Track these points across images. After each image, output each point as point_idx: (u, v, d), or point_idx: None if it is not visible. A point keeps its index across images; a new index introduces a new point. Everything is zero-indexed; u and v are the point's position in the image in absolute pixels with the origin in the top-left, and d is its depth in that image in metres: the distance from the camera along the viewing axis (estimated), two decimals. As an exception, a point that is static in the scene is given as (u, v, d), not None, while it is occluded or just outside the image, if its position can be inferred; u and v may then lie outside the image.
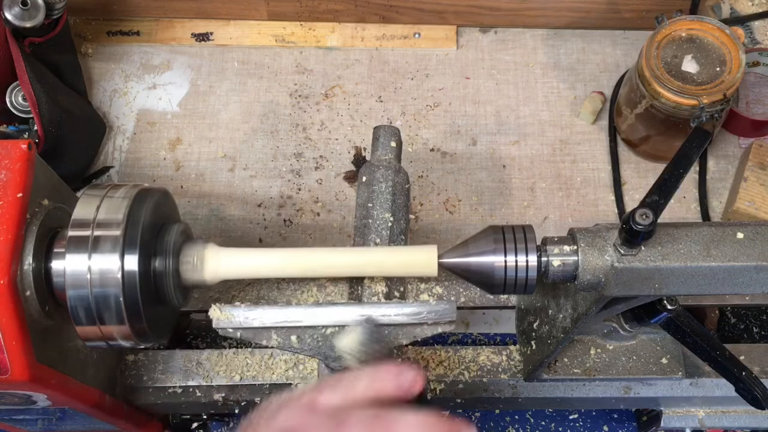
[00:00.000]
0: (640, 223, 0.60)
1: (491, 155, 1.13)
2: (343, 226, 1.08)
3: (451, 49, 1.21)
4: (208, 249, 0.73)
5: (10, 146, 0.69)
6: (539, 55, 1.21)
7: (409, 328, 0.71)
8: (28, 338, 0.67)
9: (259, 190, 1.10)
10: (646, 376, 0.88)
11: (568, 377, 0.88)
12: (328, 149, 1.13)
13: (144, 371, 0.92)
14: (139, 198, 0.70)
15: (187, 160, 1.13)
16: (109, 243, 0.67)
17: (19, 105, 0.99)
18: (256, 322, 0.71)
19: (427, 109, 1.17)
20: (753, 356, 0.94)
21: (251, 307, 0.72)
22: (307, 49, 1.21)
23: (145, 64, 1.19)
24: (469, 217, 1.09)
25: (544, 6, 1.18)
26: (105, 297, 0.67)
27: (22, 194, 0.67)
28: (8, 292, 0.65)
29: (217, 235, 1.07)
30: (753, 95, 1.15)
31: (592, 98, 1.15)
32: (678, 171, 0.69)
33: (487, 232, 0.68)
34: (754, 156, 1.06)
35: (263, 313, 0.71)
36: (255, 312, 0.71)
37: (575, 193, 1.11)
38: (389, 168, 0.83)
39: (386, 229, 0.80)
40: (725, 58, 0.99)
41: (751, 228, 0.65)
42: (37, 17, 0.95)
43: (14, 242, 0.66)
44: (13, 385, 0.69)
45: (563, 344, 0.77)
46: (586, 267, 0.64)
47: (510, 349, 0.92)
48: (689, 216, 1.09)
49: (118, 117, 1.15)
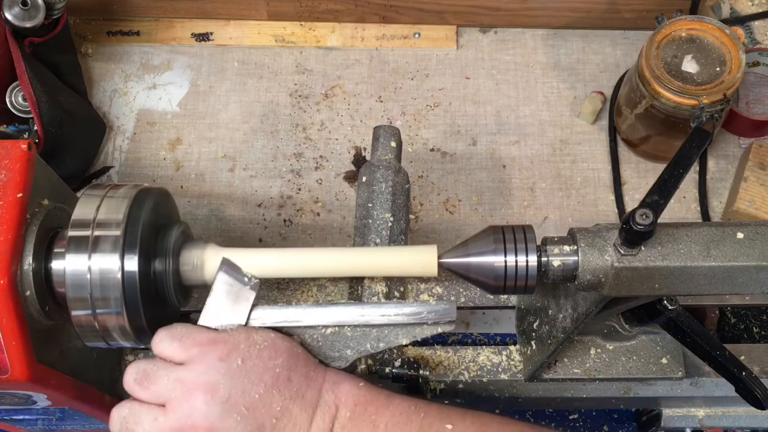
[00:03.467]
0: (640, 223, 0.60)
1: (491, 155, 1.13)
2: (343, 226, 1.08)
3: (451, 49, 1.21)
4: (208, 249, 0.73)
5: (10, 146, 0.69)
6: (539, 55, 1.21)
7: (409, 328, 0.71)
8: (28, 338, 0.67)
9: (259, 190, 1.10)
10: (646, 376, 0.88)
11: (568, 377, 0.88)
12: (328, 149, 1.13)
13: (144, 371, 0.91)
14: (139, 198, 0.70)
15: (187, 160, 1.13)
16: (109, 243, 0.67)
17: (19, 105, 0.99)
18: (256, 322, 0.71)
19: (427, 109, 1.17)
20: (753, 356, 0.94)
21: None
22: (307, 49, 1.21)
23: (145, 64, 1.19)
24: (469, 217, 1.09)
25: (544, 6, 1.18)
26: (105, 297, 0.67)
27: (22, 194, 0.67)
28: (8, 292, 0.65)
29: (217, 235, 1.07)
30: (753, 95, 1.15)
31: (592, 98, 1.15)
32: (678, 171, 0.69)
33: (487, 232, 0.68)
34: (754, 156, 1.06)
35: (263, 313, 0.71)
36: (255, 312, 0.71)
37: (575, 193, 1.11)
38: (389, 168, 0.83)
39: (386, 229, 0.80)
40: (725, 58, 0.99)
41: (751, 228, 0.65)
42: (37, 17, 0.95)
43: (14, 242, 0.66)
44: (13, 385, 0.69)
45: (563, 344, 0.77)
46: (586, 267, 0.64)
47: (510, 349, 0.92)
48: (689, 216, 1.09)
49: (118, 117, 1.15)
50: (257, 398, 0.63)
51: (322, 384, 0.67)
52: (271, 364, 0.65)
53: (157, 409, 0.64)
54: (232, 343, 0.66)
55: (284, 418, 0.64)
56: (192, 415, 0.62)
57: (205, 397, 0.63)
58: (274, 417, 0.63)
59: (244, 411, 0.63)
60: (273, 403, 0.64)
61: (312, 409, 0.65)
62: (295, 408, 0.64)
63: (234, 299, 0.69)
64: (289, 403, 0.64)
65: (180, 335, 0.66)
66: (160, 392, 0.64)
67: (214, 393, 0.63)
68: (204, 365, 0.64)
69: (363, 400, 0.67)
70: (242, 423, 0.62)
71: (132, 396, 0.66)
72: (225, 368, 0.64)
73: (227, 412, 0.62)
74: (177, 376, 0.64)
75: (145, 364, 0.66)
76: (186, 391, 0.63)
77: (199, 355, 0.65)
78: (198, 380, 0.63)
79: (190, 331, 0.67)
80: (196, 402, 0.63)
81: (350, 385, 0.68)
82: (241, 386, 0.63)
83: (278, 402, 0.64)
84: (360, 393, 0.67)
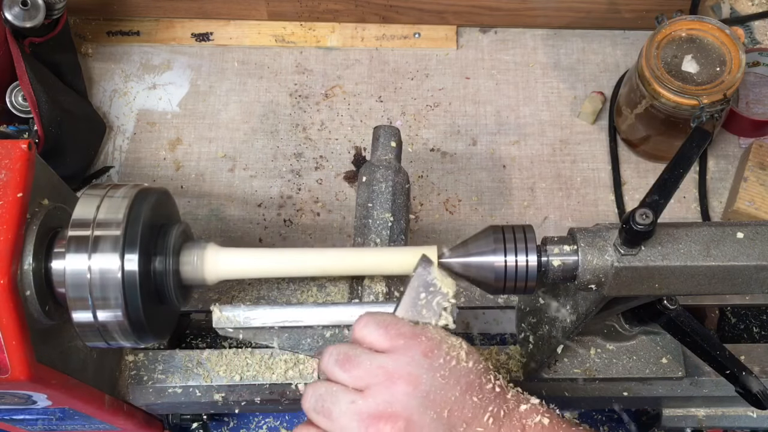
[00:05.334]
0: (640, 223, 0.60)
1: (491, 155, 1.13)
2: (343, 226, 1.08)
3: (451, 49, 1.21)
4: (208, 249, 0.73)
5: (10, 146, 0.69)
6: (539, 55, 1.21)
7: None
8: (28, 338, 0.67)
9: (259, 190, 1.10)
10: (646, 376, 0.88)
11: (568, 377, 0.88)
12: (328, 149, 1.13)
13: (144, 371, 0.92)
14: (139, 198, 0.70)
15: (187, 160, 1.13)
16: (109, 243, 0.67)
17: (19, 105, 0.99)
18: (256, 322, 0.71)
19: (427, 109, 1.17)
20: (753, 356, 0.94)
21: (251, 307, 0.72)
22: (307, 49, 1.21)
23: (145, 64, 1.19)
24: (469, 217, 1.09)
25: (544, 6, 1.18)
26: (105, 297, 0.67)
27: (22, 194, 0.67)
28: (8, 292, 0.65)
29: (217, 235, 1.07)
30: (753, 95, 1.15)
31: (592, 98, 1.15)
32: (678, 171, 0.69)
33: (487, 232, 0.68)
34: (754, 156, 1.06)
35: (263, 313, 0.71)
36: (255, 312, 0.71)
37: (575, 193, 1.11)
38: (389, 168, 0.83)
39: (386, 229, 0.80)
40: (725, 58, 0.99)
41: (751, 228, 0.65)
42: (37, 17, 0.95)
43: (14, 242, 0.66)
44: (13, 385, 0.69)
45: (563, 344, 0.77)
46: (586, 267, 0.64)
47: (510, 349, 0.92)
48: (689, 216, 1.09)
49: (118, 117, 1.15)
50: (453, 400, 0.62)
51: (508, 400, 0.66)
52: (467, 370, 0.64)
53: (356, 393, 0.63)
54: (435, 341, 0.65)
55: (473, 425, 0.63)
56: (392, 403, 0.61)
57: (407, 388, 0.62)
58: (464, 422, 0.62)
59: (440, 410, 0.62)
60: (465, 408, 0.63)
61: (499, 422, 0.64)
62: (484, 418, 0.63)
63: (429, 297, 0.68)
64: (479, 412, 0.63)
65: (386, 323, 0.65)
66: (361, 376, 0.63)
67: (416, 386, 0.62)
68: (409, 357, 0.63)
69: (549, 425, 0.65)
70: (437, 421, 0.61)
71: (329, 377, 0.65)
72: (428, 364, 0.63)
73: (426, 407, 0.61)
74: (380, 362, 0.63)
75: (347, 347, 0.65)
76: (388, 379, 0.62)
77: (404, 346, 0.64)
78: (402, 370, 0.62)
79: (396, 321, 0.66)
80: (397, 391, 0.61)
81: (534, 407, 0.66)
82: (440, 385, 0.62)
83: (470, 408, 0.63)
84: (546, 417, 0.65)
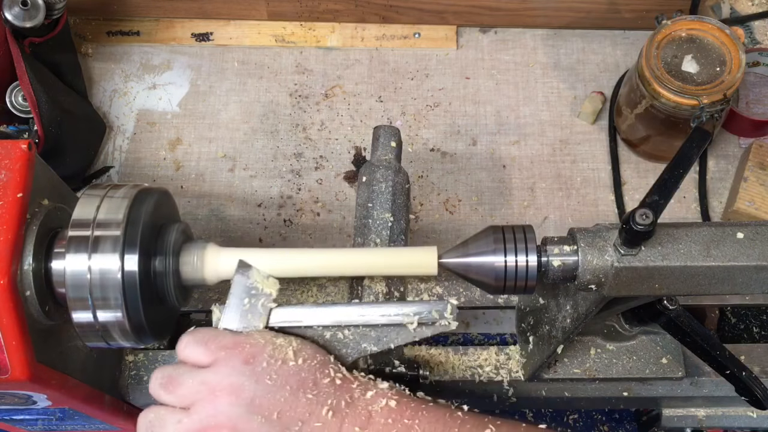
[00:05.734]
0: (640, 223, 0.60)
1: (491, 155, 1.13)
2: (343, 226, 1.08)
3: (451, 49, 1.21)
4: (208, 249, 0.73)
5: (10, 146, 0.69)
6: (539, 55, 1.21)
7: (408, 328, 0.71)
8: (28, 338, 0.67)
9: (259, 190, 1.10)
10: (646, 376, 0.88)
11: (568, 377, 0.88)
12: (328, 149, 1.13)
13: (144, 371, 0.91)
14: (139, 198, 0.70)
15: (187, 160, 1.13)
16: (109, 243, 0.67)
17: (19, 105, 0.99)
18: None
19: (427, 109, 1.17)
20: (753, 356, 0.94)
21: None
22: (307, 49, 1.21)
23: (145, 64, 1.19)
24: (469, 217, 1.09)
25: (544, 6, 1.18)
26: (105, 297, 0.67)
27: (22, 194, 0.67)
28: (8, 292, 0.65)
29: (217, 235, 1.07)
30: (753, 95, 1.15)
31: (592, 98, 1.15)
32: (678, 171, 0.69)
33: (487, 232, 0.68)
34: (754, 156, 1.06)
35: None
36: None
37: (575, 193, 1.11)
38: (389, 168, 0.83)
39: (386, 229, 0.80)
40: (725, 58, 0.99)
41: (751, 228, 0.64)
42: (37, 17, 0.95)
43: (14, 242, 0.66)
44: (13, 385, 0.69)
45: (563, 344, 0.77)
46: (586, 267, 0.64)
47: (510, 349, 0.92)
48: (689, 216, 1.09)
49: (118, 117, 1.15)
50: (282, 401, 0.63)
51: (352, 390, 0.66)
52: (296, 368, 0.65)
53: (181, 412, 0.64)
54: (257, 346, 0.65)
55: (311, 422, 0.63)
56: (216, 416, 0.62)
57: (229, 399, 0.62)
58: (300, 420, 0.63)
59: (268, 413, 0.62)
60: (299, 406, 0.63)
61: (341, 414, 0.64)
62: (322, 413, 0.63)
63: (253, 301, 0.69)
64: (316, 408, 0.63)
65: (205, 339, 0.66)
66: (185, 395, 0.64)
67: (238, 394, 0.62)
68: (229, 367, 0.64)
69: (396, 407, 0.65)
70: (266, 425, 0.62)
71: (157, 400, 0.66)
72: (250, 371, 0.63)
73: (252, 413, 0.62)
74: (202, 378, 0.64)
75: (171, 369, 0.66)
76: (210, 393, 0.63)
77: (224, 358, 0.64)
78: (223, 382, 0.63)
79: (215, 334, 0.67)
80: (220, 403, 0.62)
81: (382, 392, 0.67)
82: (266, 389, 0.63)
83: (304, 406, 0.63)
84: (393, 400, 0.66)
